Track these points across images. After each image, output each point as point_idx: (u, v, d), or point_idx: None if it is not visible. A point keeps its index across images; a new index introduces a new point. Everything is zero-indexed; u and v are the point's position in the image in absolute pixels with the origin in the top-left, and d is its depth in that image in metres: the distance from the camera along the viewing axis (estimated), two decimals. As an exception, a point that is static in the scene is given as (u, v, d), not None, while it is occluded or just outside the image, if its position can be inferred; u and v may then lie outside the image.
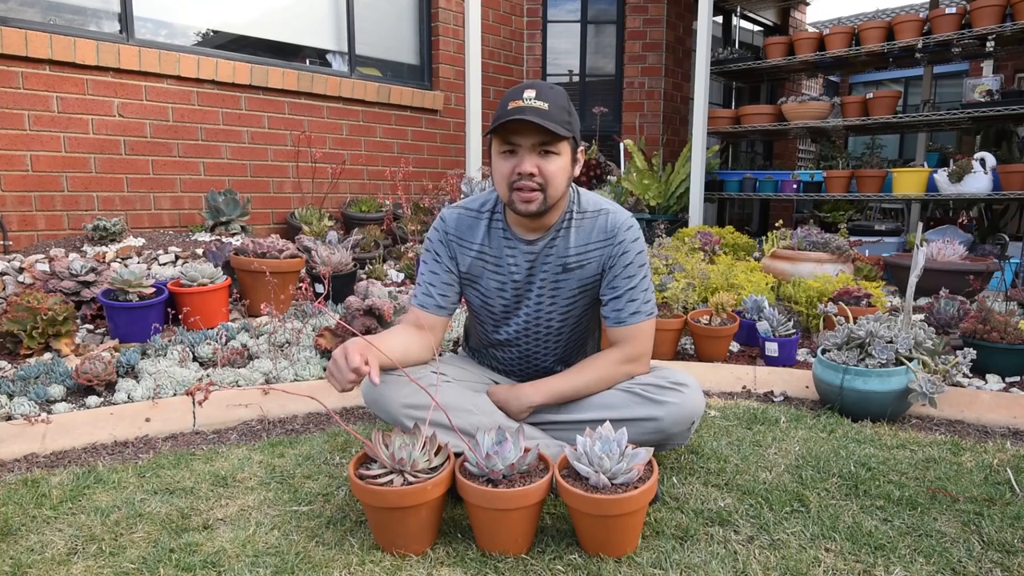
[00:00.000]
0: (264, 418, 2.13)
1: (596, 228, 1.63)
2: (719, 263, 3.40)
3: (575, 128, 1.54)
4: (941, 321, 2.71)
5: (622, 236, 1.62)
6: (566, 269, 1.64)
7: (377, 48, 5.03)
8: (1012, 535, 1.39)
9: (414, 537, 1.34)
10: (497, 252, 1.66)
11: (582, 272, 1.64)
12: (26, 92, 3.35)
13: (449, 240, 1.69)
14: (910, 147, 9.05)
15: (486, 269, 1.67)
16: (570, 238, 1.63)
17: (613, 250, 1.62)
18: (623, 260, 1.62)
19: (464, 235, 1.68)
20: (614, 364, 1.64)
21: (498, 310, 1.71)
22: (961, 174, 4.43)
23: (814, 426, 2.02)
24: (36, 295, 2.49)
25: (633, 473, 1.32)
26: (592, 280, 1.65)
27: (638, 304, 1.62)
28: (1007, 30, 4.42)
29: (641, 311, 1.62)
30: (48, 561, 1.33)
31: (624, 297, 1.62)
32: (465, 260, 1.68)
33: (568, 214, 1.63)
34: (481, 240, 1.67)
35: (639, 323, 1.63)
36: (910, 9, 9.90)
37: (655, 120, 6.18)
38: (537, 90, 1.48)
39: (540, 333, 1.72)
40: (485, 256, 1.67)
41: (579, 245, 1.63)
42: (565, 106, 1.51)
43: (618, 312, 1.63)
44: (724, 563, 1.30)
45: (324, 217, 4.17)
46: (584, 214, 1.64)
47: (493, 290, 1.68)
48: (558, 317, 1.69)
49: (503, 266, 1.66)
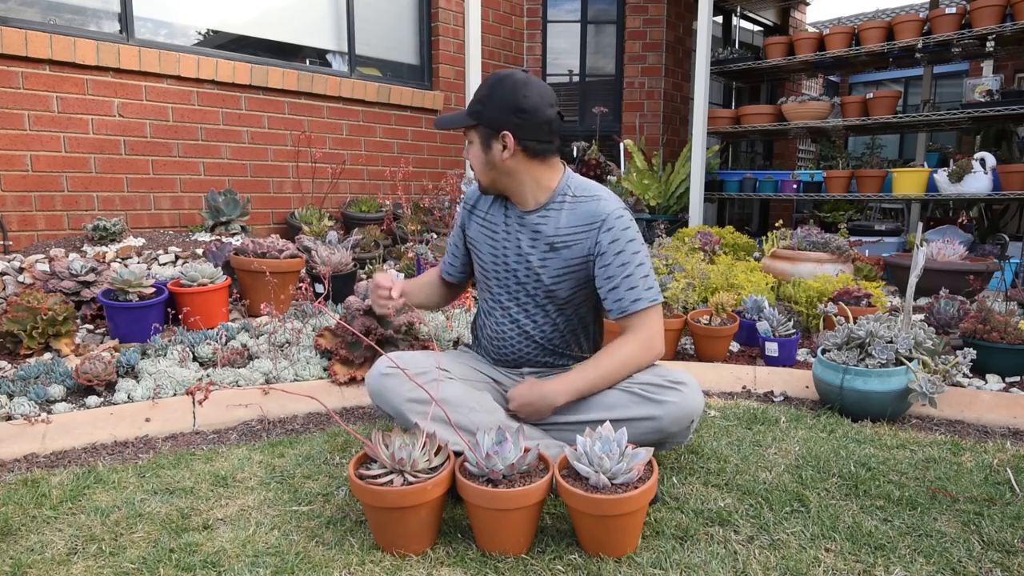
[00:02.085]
0: (264, 418, 2.13)
1: (586, 212, 1.67)
2: (719, 263, 3.40)
3: (485, 115, 1.62)
4: (941, 321, 2.71)
5: (610, 223, 1.63)
6: (553, 248, 1.68)
7: (377, 48, 5.03)
8: (1012, 535, 1.39)
9: (414, 537, 1.34)
10: (495, 220, 1.78)
11: (568, 252, 1.67)
12: (26, 92, 3.35)
13: (465, 208, 1.86)
14: (910, 147, 9.05)
15: (484, 235, 1.79)
16: (561, 218, 1.68)
17: (600, 236, 1.64)
18: (613, 248, 1.63)
19: (478, 204, 1.84)
20: (629, 351, 1.63)
21: (492, 279, 1.79)
22: (961, 174, 4.43)
23: (814, 426, 2.02)
24: (36, 295, 2.49)
25: (633, 473, 1.32)
26: (578, 263, 1.67)
27: (639, 291, 1.62)
28: (1007, 30, 4.42)
29: (643, 297, 1.63)
30: (48, 561, 1.33)
31: (622, 286, 1.63)
32: (472, 227, 1.83)
33: (563, 195, 1.69)
34: (487, 208, 1.80)
35: (643, 309, 1.63)
36: (910, 9, 9.90)
37: (655, 120, 6.18)
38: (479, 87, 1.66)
39: (530, 312, 1.74)
40: (486, 224, 1.79)
41: (568, 226, 1.67)
42: (481, 95, 1.64)
43: (619, 302, 1.64)
44: (724, 563, 1.30)
45: (324, 217, 4.17)
46: (578, 198, 1.69)
47: (487, 256, 1.78)
48: (543, 292, 1.71)
49: (497, 233, 1.76)
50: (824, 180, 5.28)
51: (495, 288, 1.79)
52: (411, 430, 1.43)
